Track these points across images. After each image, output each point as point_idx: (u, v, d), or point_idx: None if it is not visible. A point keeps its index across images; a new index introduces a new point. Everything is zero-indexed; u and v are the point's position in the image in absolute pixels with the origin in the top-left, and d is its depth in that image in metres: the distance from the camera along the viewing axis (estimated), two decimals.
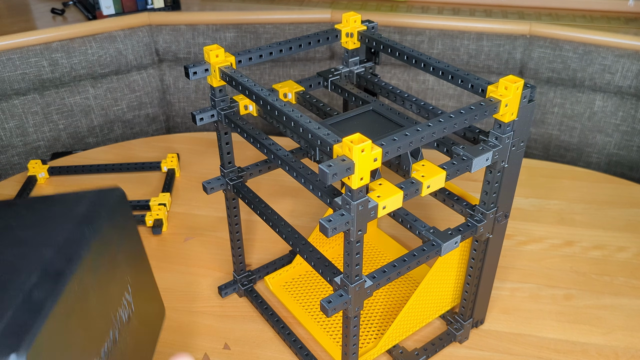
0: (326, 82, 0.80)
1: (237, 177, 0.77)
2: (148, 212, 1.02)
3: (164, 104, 1.64)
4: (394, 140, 0.52)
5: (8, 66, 1.38)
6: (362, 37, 0.76)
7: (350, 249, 0.55)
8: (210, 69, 0.67)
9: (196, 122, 0.70)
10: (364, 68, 0.80)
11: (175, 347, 0.78)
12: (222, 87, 0.70)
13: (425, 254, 0.63)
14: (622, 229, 1.02)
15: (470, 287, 0.75)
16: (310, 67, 1.58)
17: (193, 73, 0.66)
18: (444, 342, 0.78)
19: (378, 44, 0.74)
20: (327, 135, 0.53)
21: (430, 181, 0.57)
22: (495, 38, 1.45)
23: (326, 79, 0.80)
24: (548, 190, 1.11)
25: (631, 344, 0.80)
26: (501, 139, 0.61)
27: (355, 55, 0.79)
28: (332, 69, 0.81)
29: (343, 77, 0.80)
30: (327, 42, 0.76)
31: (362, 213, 0.52)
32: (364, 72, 0.80)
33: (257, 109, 0.73)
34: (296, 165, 0.63)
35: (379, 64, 0.81)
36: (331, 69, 0.81)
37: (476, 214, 0.67)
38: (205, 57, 0.68)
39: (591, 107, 1.44)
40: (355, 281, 0.58)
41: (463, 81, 0.63)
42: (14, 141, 1.47)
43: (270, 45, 0.71)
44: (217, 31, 1.53)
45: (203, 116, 0.71)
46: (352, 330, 0.63)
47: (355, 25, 0.76)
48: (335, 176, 0.48)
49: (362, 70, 0.80)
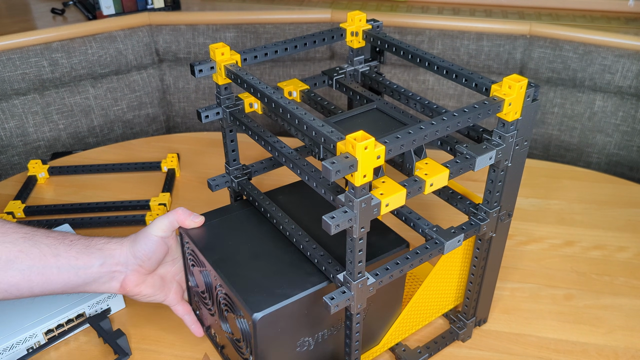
0: (331, 81, 0.80)
1: (241, 174, 0.78)
2: (148, 212, 1.02)
3: (164, 104, 1.64)
4: (397, 138, 0.52)
5: (8, 66, 1.38)
6: (366, 35, 0.76)
7: (352, 246, 0.55)
8: (215, 66, 0.68)
9: (201, 119, 0.71)
10: (369, 67, 0.80)
11: (176, 347, 0.78)
12: (228, 85, 0.70)
13: (428, 252, 0.63)
14: (622, 229, 1.02)
15: (473, 286, 0.75)
16: (311, 67, 1.58)
17: (199, 71, 0.67)
18: (447, 340, 0.78)
19: (383, 42, 0.74)
20: (331, 132, 0.53)
21: (433, 179, 0.57)
22: (495, 38, 1.45)
23: (331, 77, 0.80)
24: (548, 190, 1.12)
25: (631, 344, 0.80)
26: (505, 138, 0.61)
27: (360, 54, 0.79)
28: (337, 67, 0.81)
29: (348, 75, 0.80)
30: (332, 40, 0.76)
31: (365, 210, 0.52)
32: (368, 71, 0.80)
33: (261, 106, 0.74)
34: (300, 163, 0.63)
35: (384, 63, 0.81)
36: (336, 68, 0.81)
37: (479, 212, 0.67)
38: (210, 54, 0.68)
39: (591, 107, 1.44)
40: (358, 278, 0.58)
41: (467, 80, 0.63)
42: (14, 141, 1.47)
43: (276, 44, 0.71)
44: (217, 31, 1.53)
45: (208, 114, 0.71)
46: (355, 327, 0.63)
47: (360, 24, 0.77)
48: (339, 173, 0.48)
49: (366, 69, 0.80)
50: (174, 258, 0.75)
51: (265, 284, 0.63)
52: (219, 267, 0.65)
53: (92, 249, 0.68)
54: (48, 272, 0.66)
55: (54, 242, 0.67)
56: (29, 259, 0.65)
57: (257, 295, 0.61)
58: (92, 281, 0.68)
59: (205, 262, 0.67)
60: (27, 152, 1.50)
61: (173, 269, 0.76)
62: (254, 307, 0.60)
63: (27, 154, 1.50)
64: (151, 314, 0.83)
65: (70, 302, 0.80)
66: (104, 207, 1.04)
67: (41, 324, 0.77)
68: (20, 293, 0.66)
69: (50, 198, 1.09)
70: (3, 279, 0.64)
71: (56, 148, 1.52)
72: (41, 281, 0.66)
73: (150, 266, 0.71)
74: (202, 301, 0.74)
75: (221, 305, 0.67)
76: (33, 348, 0.76)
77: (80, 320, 0.80)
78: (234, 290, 0.62)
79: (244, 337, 0.64)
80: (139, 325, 0.82)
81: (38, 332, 0.76)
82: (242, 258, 0.67)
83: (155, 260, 0.71)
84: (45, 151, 1.51)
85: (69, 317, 0.79)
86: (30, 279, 0.65)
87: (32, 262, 0.65)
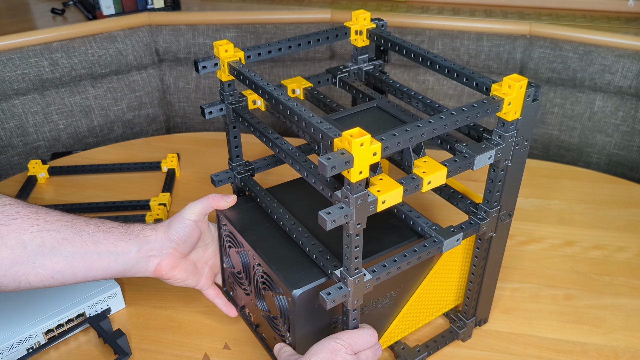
0: (334, 79, 0.81)
1: (244, 170, 0.78)
2: (148, 212, 1.02)
3: (164, 104, 1.64)
4: (394, 135, 0.53)
5: (8, 66, 1.38)
6: (371, 34, 0.76)
7: (349, 242, 0.56)
8: (219, 63, 0.68)
9: (205, 115, 0.72)
10: (373, 66, 0.80)
11: (175, 347, 0.78)
12: (231, 81, 0.71)
13: (426, 250, 0.63)
14: (622, 229, 1.02)
15: (473, 286, 0.75)
16: (311, 67, 1.58)
17: (202, 67, 0.68)
18: (447, 339, 0.78)
19: (386, 41, 0.74)
20: (329, 129, 0.53)
21: (431, 177, 0.57)
22: (495, 38, 1.45)
23: (334, 75, 0.80)
24: (548, 190, 1.11)
25: (631, 344, 0.80)
26: (505, 137, 0.61)
27: (365, 53, 0.80)
28: (341, 66, 0.81)
29: (352, 74, 0.81)
30: (337, 39, 0.76)
31: (361, 207, 0.52)
32: (372, 70, 0.80)
33: (264, 103, 0.74)
34: (299, 159, 0.63)
35: (388, 62, 0.81)
36: (340, 66, 0.81)
37: (479, 212, 0.67)
38: (214, 51, 0.69)
39: (591, 107, 1.44)
40: (355, 274, 0.59)
41: (468, 79, 0.63)
42: (14, 141, 1.47)
43: (280, 42, 0.72)
44: (217, 31, 1.53)
45: (212, 110, 0.72)
46: (352, 323, 0.63)
47: (365, 22, 0.77)
48: (334, 169, 0.48)
49: (370, 67, 0.80)
50: (206, 244, 0.78)
51: (303, 262, 0.66)
52: (258, 246, 0.69)
53: (129, 236, 0.71)
54: (89, 258, 0.68)
55: (93, 229, 0.69)
56: (72, 246, 0.67)
57: (296, 272, 0.64)
58: (130, 267, 0.71)
59: (244, 242, 0.70)
60: (27, 152, 1.50)
61: (205, 255, 0.79)
62: (293, 283, 0.63)
63: (27, 154, 1.50)
64: (151, 314, 0.83)
65: (70, 302, 0.80)
66: (104, 207, 1.04)
67: (41, 324, 0.77)
68: (64, 279, 0.68)
69: (50, 198, 1.09)
70: (49, 265, 0.66)
71: (56, 148, 1.52)
72: (83, 267, 0.68)
73: (184, 250, 0.73)
74: (237, 281, 0.78)
75: (259, 284, 0.71)
76: (33, 348, 0.76)
77: (80, 320, 0.80)
78: (273, 268, 0.65)
79: (282, 313, 0.68)
80: (139, 325, 0.82)
81: (38, 332, 0.76)
82: (277, 239, 0.70)
83: (189, 244, 0.74)
84: (45, 151, 1.51)
85: (69, 317, 0.79)
86: (73, 265, 0.67)
87: (75, 249, 0.67)
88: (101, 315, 0.79)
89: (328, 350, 0.60)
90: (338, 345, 0.61)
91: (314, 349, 0.61)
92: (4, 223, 0.64)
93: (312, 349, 0.61)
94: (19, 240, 0.64)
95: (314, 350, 0.61)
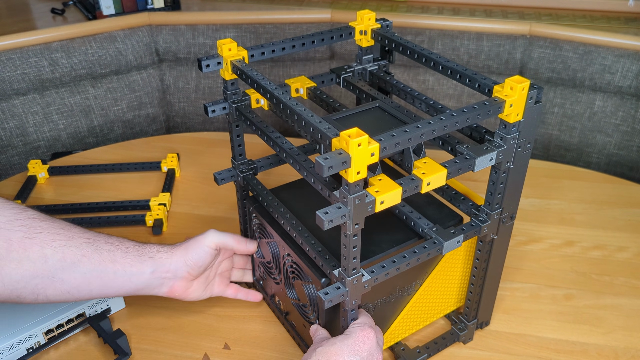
0: (338, 79, 0.80)
1: (247, 169, 0.78)
2: (148, 212, 1.02)
3: (164, 104, 1.64)
4: (393, 136, 0.53)
5: (8, 66, 1.37)
6: (375, 35, 0.76)
7: (347, 242, 0.56)
8: (222, 62, 0.69)
9: (208, 113, 0.72)
10: (378, 66, 0.80)
11: (175, 347, 0.78)
12: (234, 80, 0.71)
13: (426, 251, 0.63)
14: (622, 229, 1.02)
15: (475, 288, 0.75)
16: (310, 67, 1.58)
17: (206, 65, 0.68)
18: (447, 341, 0.78)
19: (391, 42, 0.74)
20: (327, 129, 0.53)
21: (430, 178, 0.57)
22: (495, 38, 1.45)
23: (339, 75, 0.80)
24: (548, 191, 1.12)
25: (631, 344, 0.80)
26: (506, 139, 0.60)
27: (369, 53, 0.79)
28: (346, 66, 0.81)
29: (356, 74, 0.81)
30: (341, 39, 0.76)
31: (359, 207, 0.52)
32: (377, 70, 0.80)
33: (267, 103, 0.74)
34: (299, 159, 0.64)
35: (393, 63, 0.81)
36: (344, 66, 0.81)
37: (481, 214, 0.67)
38: (218, 50, 0.69)
39: (591, 107, 1.44)
40: (353, 274, 0.59)
41: (470, 80, 0.63)
42: (14, 141, 1.46)
43: (284, 41, 0.72)
44: (217, 31, 1.53)
45: (215, 108, 0.72)
46: (350, 323, 0.63)
47: (370, 23, 0.77)
48: (331, 169, 0.48)
49: (375, 68, 0.80)
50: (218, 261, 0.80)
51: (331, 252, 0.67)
52: (287, 237, 0.71)
53: (145, 257, 0.72)
54: (105, 276, 0.69)
55: (112, 248, 0.70)
56: (90, 263, 0.68)
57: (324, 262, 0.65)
58: (143, 287, 0.72)
59: (274, 233, 0.73)
60: (27, 152, 1.49)
61: (214, 266, 0.79)
62: (322, 273, 0.65)
63: (27, 154, 1.49)
64: (151, 314, 0.83)
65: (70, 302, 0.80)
66: (104, 207, 1.04)
67: (41, 324, 0.77)
68: (80, 295, 0.69)
69: (50, 198, 1.09)
70: (67, 280, 0.67)
71: (56, 148, 1.52)
72: (99, 285, 0.69)
73: (198, 273, 0.75)
74: (267, 271, 0.80)
75: (288, 273, 0.73)
76: (33, 348, 0.76)
77: (80, 320, 0.80)
78: (302, 258, 0.68)
79: (311, 301, 0.70)
80: (139, 325, 0.82)
81: (38, 332, 0.76)
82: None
83: (203, 268, 0.76)
84: (45, 151, 1.51)
85: (69, 317, 0.79)
86: (90, 281, 0.68)
87: (93, 266, 0.68)
88: (101, 315, 0.79)
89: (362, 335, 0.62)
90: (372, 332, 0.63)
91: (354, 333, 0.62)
92: (28, 236, 0.65)
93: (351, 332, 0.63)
94: (41, 254, 0.65)
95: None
